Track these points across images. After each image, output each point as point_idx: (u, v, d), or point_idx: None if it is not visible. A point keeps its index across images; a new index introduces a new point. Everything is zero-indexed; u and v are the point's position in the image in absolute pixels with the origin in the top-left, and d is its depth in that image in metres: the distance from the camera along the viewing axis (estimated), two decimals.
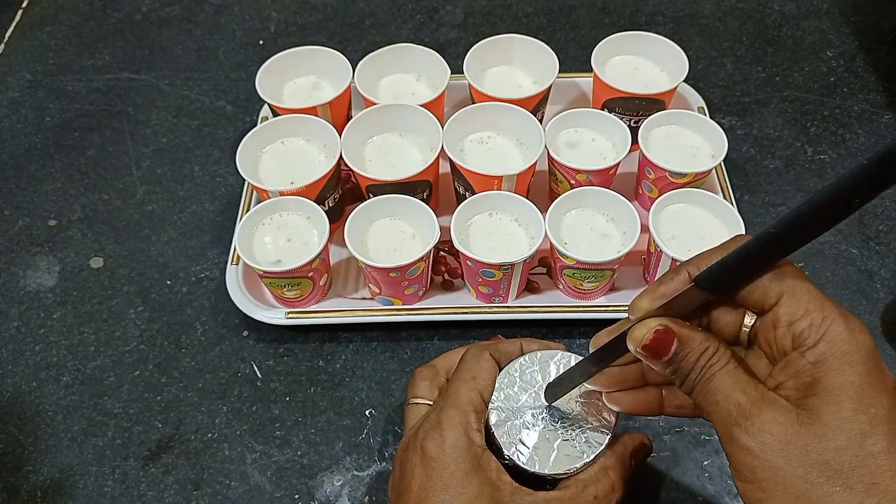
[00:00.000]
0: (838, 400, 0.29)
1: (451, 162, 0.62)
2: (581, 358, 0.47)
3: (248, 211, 0.63)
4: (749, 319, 0.35)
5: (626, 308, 0.59)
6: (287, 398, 0.59)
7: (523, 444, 0.44)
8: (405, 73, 0.70)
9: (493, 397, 0.46)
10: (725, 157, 0.61)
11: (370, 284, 0.60)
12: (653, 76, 0.69)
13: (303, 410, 0.58)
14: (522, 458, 0.43)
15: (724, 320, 0.36)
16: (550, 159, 0.63)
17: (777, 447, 0.30)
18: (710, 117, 0.69)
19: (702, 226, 0.60)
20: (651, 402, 0.41)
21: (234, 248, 0.63)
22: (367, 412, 0.58)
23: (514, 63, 0.71)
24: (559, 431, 0.44)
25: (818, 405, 0.30)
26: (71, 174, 0.74)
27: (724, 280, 0.33)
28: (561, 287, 0.62)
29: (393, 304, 0.61)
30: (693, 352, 0.33)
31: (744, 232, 0.57)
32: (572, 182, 0.62)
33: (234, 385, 0.60)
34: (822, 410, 0.30)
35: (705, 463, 0.55)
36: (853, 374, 0.30)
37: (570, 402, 0.45)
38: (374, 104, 0.65)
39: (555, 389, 0.44)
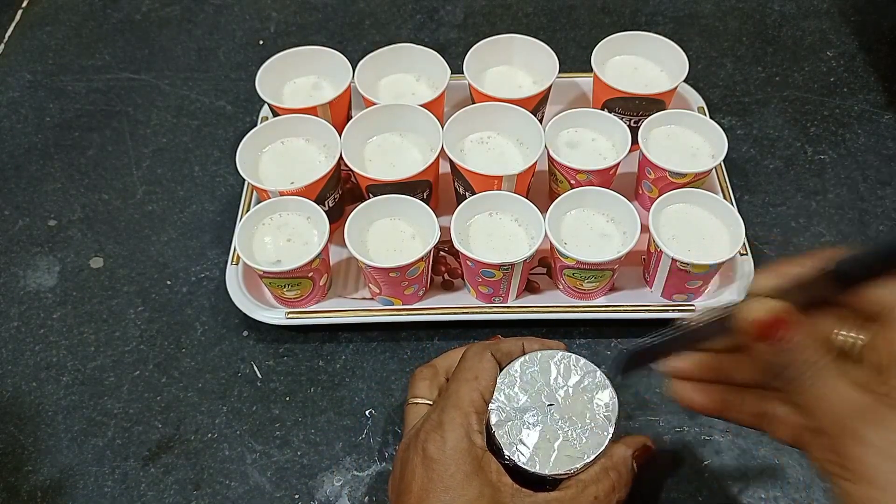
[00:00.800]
0: None
1: (451, 162, 0.62)
2: (582, 359, 0.47)
3: (248, 211, 0.63)
4: (851, 332, 0.34)
5: (627, 308, 0.60)
6: (287, 398, 0.59)
7: (524, 444, 0.44)
8: (405, 73, 0.70)
9: (493, 397, 0.46)
10: (725, 157, 0.61)
11: (370, 284, 0.60)
12: (653, 76, 0.69)
13: (303, 410, 0.58)
14: (523, 458, 0.43)
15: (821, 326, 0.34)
16: (550, 159, 0.63)
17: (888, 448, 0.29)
18: (710, 117, 0.69)
19: (702, 226, 0.60)
20: (721, 403, 0.39)
21: (234, 248, 0.63)
22: (367, 412, 0.58)
23: (514, 63, 0.71)
24: (560, 432, 0.44)
25: None
26: (71, 174, 0.74)
27: (864, 271, 0.32)
28: (561, 287, 0.62)
29: (393, 304, 0.61)
30: (807, 342, 0.31)
31: (744, 232, 0.57)
32: (572, 182, 0.62)
33: (234, 385, 0.60)
34: None
35: (705, 463, 0.55)
36: None
37: (570, 401, 0.45)
38: (374, 104, 0.65)
39: (628, 362, 0.40)
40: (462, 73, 0.67)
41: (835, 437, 0.31)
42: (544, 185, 0.68)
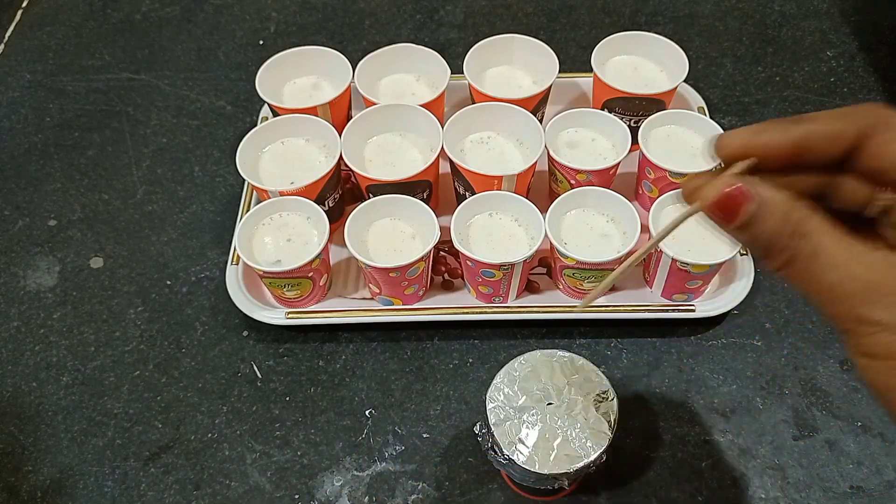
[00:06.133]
0: None
1: (451, 162, 0.62)
2: (582, 358, 0.47)
3: (248, 211, 0.63)
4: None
5: (627, 308, 0.60)
6: (287, 398, 0.59)
7: (523, 443, 0.44)
8: (405, 73, 0.70)
9: (492, 396, 0.46)
10: None
11: (370, 284, 0.60)
12: (653, 76, 0.69)
13: (303, 410, 0.58)
14: (521, 457, 0.43)
15: (848, 189, 0.30)
16: (550, 159, 0.63)
17: None
18: (710, 117, 0.69)
19: (702, 226, 0.59)
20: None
21: (234, 248, 0.63)
22: (367, 412, 0.58)
23: (514, 63, 0.71)
24: (559, 431, 0.44)
25: None
26: (71, 174, 0.74)
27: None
28: (561, 287, 0.62)
29: (393, 304, 0.61)
30: (774, 215, 0.27)
31: None
32: (572, 182, 0.62)
33: (234, 385, 0.59)
34: None
35: (705, 463, 0.55)
36: None
37: (571, 401, 0.45)
38: (374, 104, 0.65)
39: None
40: (462, 73, 0.67)
41: (842, 320, 0.27)
42: (544, 185, 0.68)
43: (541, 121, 0.67)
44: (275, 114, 0.66)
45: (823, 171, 0.29)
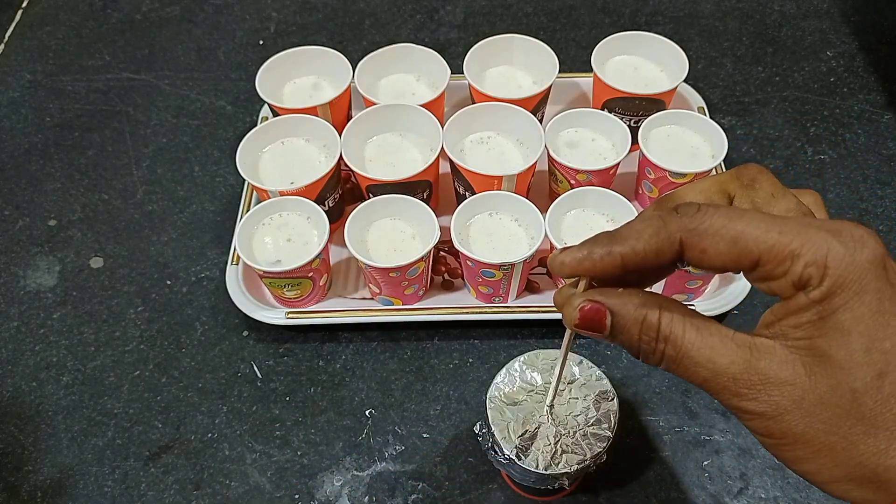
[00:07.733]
0: (848, 341, 0.26)
1: (451, 162, 0.62)
2: (582, 358, 0.47)
3: (248, 211, 0.63)
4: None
5: None
6: (287, 398, 0.59)
7: (523, 443, 0.44)
8: (405, 73, 0.70)
9: (492, 396, 0.46)
10: (725, 157, 0.61)
11: (370, 284, 0.60)
12: (653, 76, 0.69)
13: (303, 410, 0.58)
14: (521, 457, 0.43)
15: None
16: (550, 159, 0.63)
17: (792, 407, 0.27)
18: (710, 117, 0.69)
19: None
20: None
21: (234, 248, 0.63)
22: (367, 412, 0.58)
23: (514, 63, 0.71)
24: (559, 431, 0.44)
25: (828, 348, 0.26)
26: (71, 174, 0.74)
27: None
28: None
29: (393, 304, 0.61)
30: (630, 324, 0.29)
31: None
32: (572, 182, 0.62)
33: (234, 385, 0.60)
34: (833, 354, 0.26)
35: (705, 463, 0.55)
36: (861, 307, 0.26)
37: (571, 401, 0.45)
38: (374, 104, 0.65)
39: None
40: (462, 73, 0.67)
41: (726, 406, 0.29)
42: (544, 185, 0.68)
43: (541, 121, 0.67)
44: (275, 114, 0.66)
45: (667, 266, 0.30)
